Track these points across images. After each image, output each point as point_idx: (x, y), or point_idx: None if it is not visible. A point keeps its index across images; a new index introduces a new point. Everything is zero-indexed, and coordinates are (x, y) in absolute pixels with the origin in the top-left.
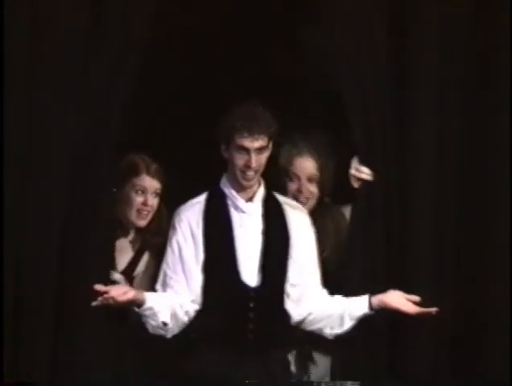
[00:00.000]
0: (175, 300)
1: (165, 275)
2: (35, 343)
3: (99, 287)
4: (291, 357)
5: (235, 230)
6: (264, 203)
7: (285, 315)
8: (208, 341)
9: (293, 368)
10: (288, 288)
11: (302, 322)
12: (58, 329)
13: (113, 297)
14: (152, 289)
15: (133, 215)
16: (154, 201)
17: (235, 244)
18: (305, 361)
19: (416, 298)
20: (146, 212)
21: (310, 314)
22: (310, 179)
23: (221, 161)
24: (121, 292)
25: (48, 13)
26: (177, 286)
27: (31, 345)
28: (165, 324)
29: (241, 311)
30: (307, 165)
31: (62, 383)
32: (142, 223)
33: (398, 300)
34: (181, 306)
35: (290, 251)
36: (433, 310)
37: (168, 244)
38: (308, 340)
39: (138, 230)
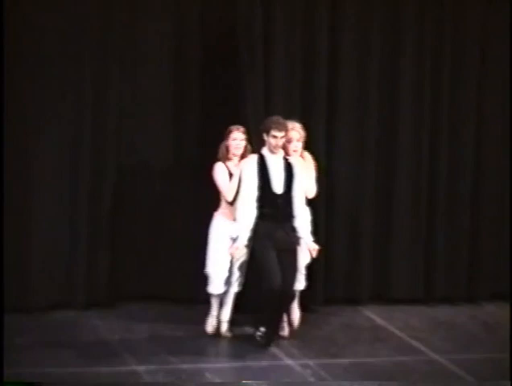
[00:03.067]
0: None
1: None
2: None
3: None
4: None
5: (270, 170)
6: (283, 158)
7: (292, 206)
8: (262, 217)
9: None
10: (293, 195)
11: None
12: None
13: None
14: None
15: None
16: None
17: (270, 176)
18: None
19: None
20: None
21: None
22: (297, 140)
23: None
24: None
25: None
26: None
27: None
28: None
29: (275, 204)
30: (295, 135)
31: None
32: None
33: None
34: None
35: (294, 179)
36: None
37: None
38: None
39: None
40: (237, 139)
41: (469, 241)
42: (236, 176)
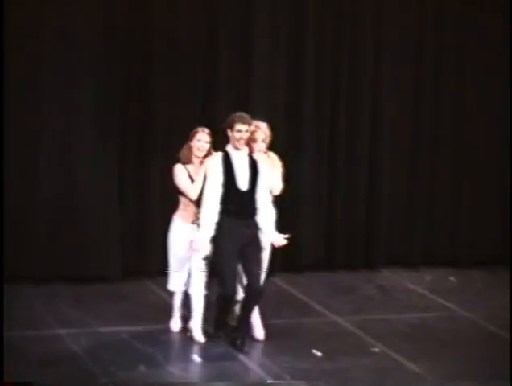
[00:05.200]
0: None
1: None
2: None
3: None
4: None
5: (235, 166)
6: (247, 155)
7: (255, 202)
8: (227, 214)
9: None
10: (258, 191)
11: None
12: None
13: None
14: None
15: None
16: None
17: (235, 172)
18: None
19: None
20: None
21: (261, 207)
22: (263, 141)
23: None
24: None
25: None
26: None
27: None
28: None
29: (240, 200)
30: (260, 135)
31: None
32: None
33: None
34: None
35: (259, 175)
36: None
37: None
38: None
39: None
40: (202, 140)
41: (367, 212)
42: (201, 173)
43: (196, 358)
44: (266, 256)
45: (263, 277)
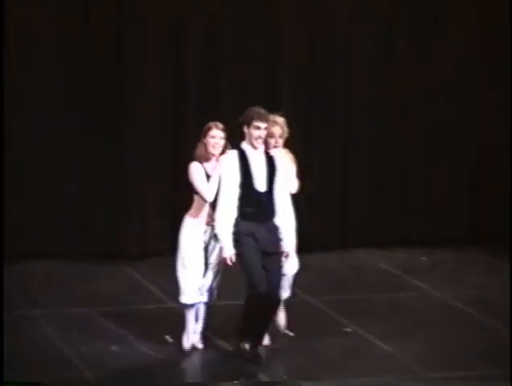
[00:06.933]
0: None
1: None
2: None
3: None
4: None
5: (252, 166)
6: (264, 153)
7: (274, 204)
8: (244, 217)
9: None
10: (277, 192)
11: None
12: None
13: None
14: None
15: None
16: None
17: (252, 172)
18: None
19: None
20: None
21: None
22: (280, 137)
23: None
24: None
25: None
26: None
27: None
28: None
29: (258, 202)
30: (277, 130)
31: None
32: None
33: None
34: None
35: (277, 174)
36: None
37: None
38: None
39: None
40: (217, 137)
41: (340, 192)
42: (216, 174)
43: (169, 338)
44: (291, 267)
45: (287, 288)
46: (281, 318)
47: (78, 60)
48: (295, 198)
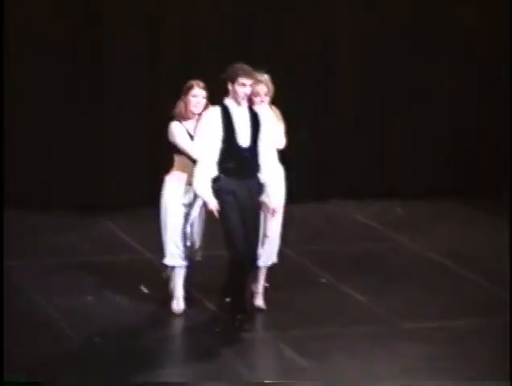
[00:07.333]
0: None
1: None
2: None
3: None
4: None
5: (235, 121)
6: (247, 108)
7: (258, 159)
8: (227, 173)
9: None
10: (261, 147)
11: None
12: None
13: None
14: None
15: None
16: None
17: (235, 127)
18: None
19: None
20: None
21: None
22: (265, 95)
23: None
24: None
25: None
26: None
27: None
28: None
29: (241, 158)
30: (262, 88)
31: None
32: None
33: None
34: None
35: (261, 129)
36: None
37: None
38: None
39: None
40: (198, 96)
41: (316, 144)
42: (199, 130)
43: (144, 289)
44: (276, 226)
45: (276, 245)
46: (259, 286)
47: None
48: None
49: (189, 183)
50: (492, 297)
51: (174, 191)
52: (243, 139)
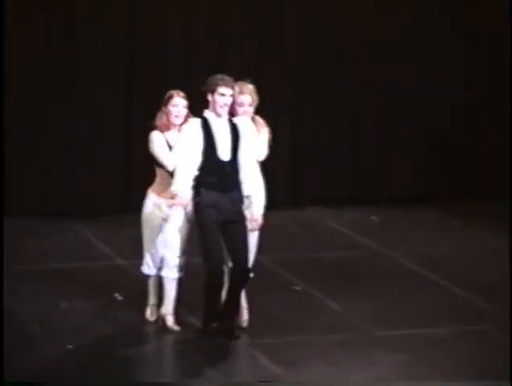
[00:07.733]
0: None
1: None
2: None
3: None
4: None
5: (215, 134)
6: (228, 121)
7: (238, 173)
8: (207, 187)
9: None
10: (241, 160)
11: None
12: None
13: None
14: None
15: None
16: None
17: (216, 141)
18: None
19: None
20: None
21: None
22: (249, 105)
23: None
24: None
25: None
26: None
27: None
28: None
29: (222, 171)
30: (246, 98)
31: None
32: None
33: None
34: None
35: (241, 142)
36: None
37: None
38: None
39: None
40: (179, 105)
41: (291, 151)
42: (179, 142)
43: (118, 296)
44: (256, 231)
45: (252, 256)
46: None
47: None
48: None
49: (169, 197)
50: (467, 304)
51: (153, 203)
52: (223, 153)
